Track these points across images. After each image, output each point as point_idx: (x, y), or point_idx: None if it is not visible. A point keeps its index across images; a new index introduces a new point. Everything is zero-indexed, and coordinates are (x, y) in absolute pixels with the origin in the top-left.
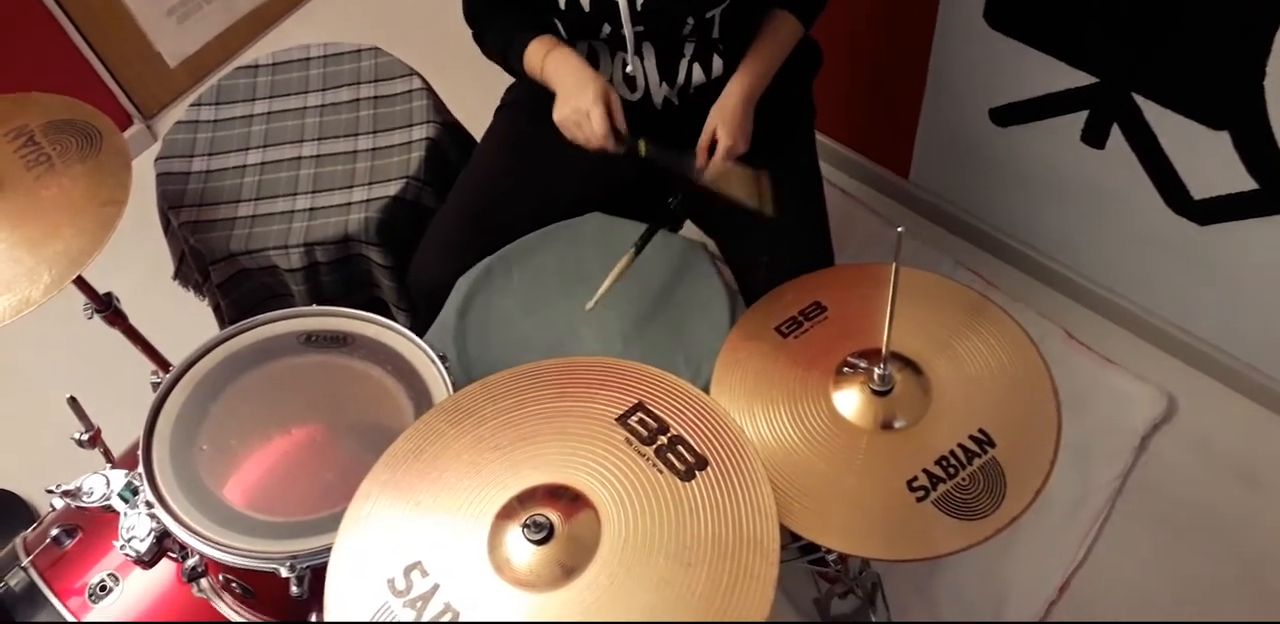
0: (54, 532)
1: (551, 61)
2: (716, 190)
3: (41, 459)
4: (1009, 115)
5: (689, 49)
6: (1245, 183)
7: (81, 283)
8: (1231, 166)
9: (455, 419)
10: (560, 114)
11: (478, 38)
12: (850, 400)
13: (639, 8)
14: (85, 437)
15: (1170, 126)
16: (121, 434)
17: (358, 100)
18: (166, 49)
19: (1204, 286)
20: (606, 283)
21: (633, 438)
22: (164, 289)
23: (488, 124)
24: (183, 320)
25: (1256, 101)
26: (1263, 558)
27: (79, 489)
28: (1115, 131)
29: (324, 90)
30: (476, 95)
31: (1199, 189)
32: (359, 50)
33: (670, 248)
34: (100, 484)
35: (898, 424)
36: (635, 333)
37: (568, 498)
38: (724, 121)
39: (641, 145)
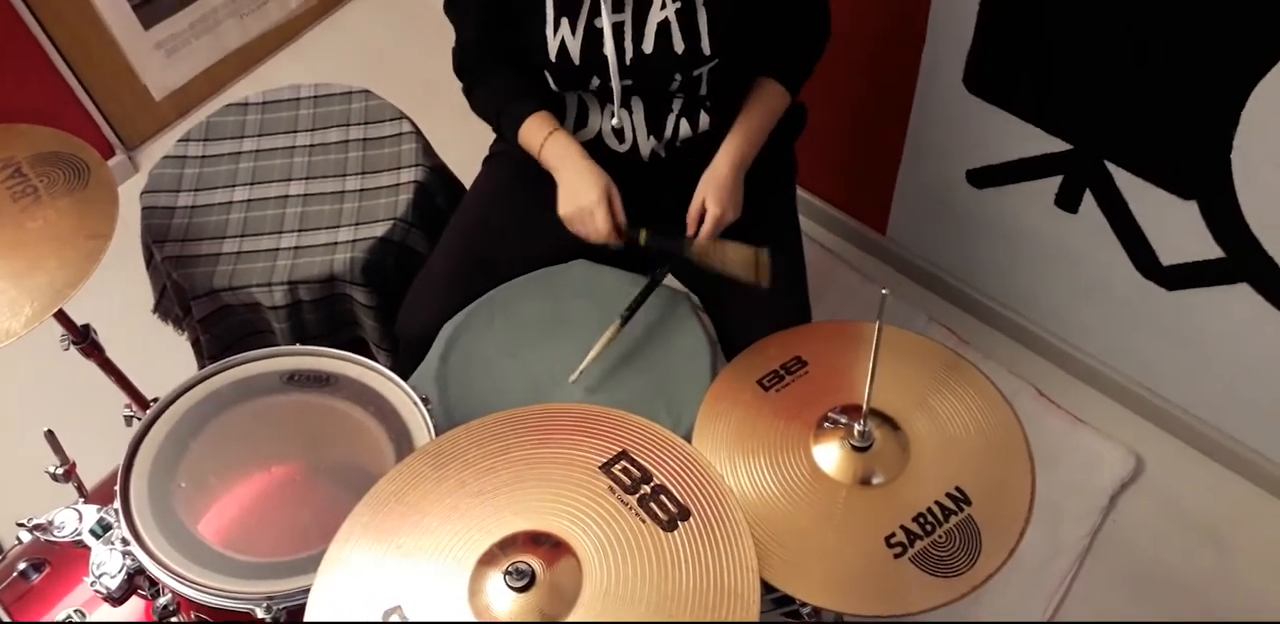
0: (21, 566)
1: (552, 149)
2: (712, 266)
3: (4, 490)
4: (985, 177)
5: (677, 104)
6: (1212, 251)
7: (60, 314)
8: (1199, 235)
9: (438, 463)
10: (565, 210)
11: (467, 92)
12: (830, 455)
13: (628, 63)
14: (60, 470)
15: (1141, 194)
16: (91, 467)
17: (347, 142)
18: (153, 82)
19: (1171, 349)
20: (593, 353)
21: (616, 486)
22: (143, 322)
23: (475, 169)
24: (161, 354)
25: (1224, 173)
26: (1227, 617)
27: (50, 523)
28: (1088, 197)
29: (313, 130)
30: (465, 140)
31: (1167, 255)
32: (349, 92)
33: (654, 298)
34: (72, 519)
35: (876, 480)
36: (617, 380)
37: (549, 545)
38: (714, 191)
39: (641, 235)
